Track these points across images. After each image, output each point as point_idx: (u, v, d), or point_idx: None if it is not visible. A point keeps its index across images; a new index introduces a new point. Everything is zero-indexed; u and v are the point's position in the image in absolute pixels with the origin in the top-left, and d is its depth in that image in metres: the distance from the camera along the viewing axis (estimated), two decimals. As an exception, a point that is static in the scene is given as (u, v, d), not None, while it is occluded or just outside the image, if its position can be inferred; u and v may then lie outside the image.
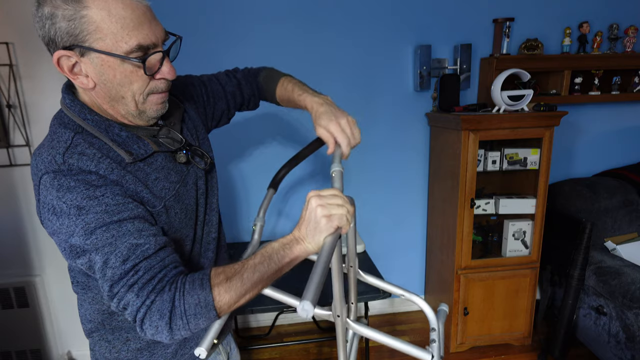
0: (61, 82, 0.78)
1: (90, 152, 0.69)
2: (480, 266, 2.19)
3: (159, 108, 0.75)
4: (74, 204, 0.64)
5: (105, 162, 0.69)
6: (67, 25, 0.62)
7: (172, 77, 0.72)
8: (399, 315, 2.70)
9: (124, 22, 0.63)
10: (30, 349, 2.08)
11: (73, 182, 0.65)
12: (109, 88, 0.69)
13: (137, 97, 0.71)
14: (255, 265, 0.68)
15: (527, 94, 2.01)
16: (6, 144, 1.90)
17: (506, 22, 2.28)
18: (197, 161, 0.84)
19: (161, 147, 0.77)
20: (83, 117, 0.72)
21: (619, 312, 1.91)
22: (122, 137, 0.73)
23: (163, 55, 0.70)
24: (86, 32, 0.63)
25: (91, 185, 0.66)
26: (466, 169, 2.05)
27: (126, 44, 0.64)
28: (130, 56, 0.65)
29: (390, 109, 2.42)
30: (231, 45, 2.19)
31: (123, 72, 0.67)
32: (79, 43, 0.63)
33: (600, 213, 2.29)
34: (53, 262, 2.08)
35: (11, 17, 1.80)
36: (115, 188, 0.68)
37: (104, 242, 0.64)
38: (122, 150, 0.71)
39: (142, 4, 0.67)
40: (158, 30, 0.69)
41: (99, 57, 0.65)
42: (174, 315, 0.64)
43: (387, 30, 2.31)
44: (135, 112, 0.73)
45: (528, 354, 2.28)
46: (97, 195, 0.65)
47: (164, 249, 0.68)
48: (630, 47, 2.42)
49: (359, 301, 1.74)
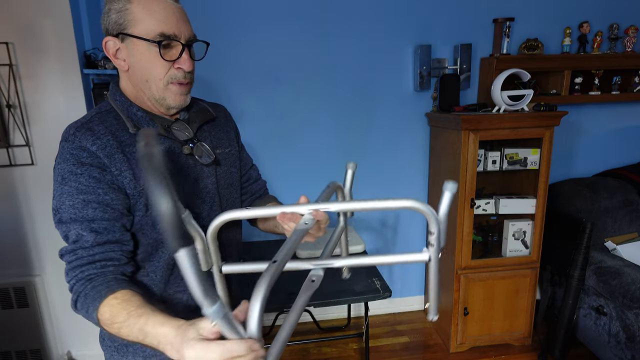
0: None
1: (98, 128, 0.81)
2: (480, 266, 2.19)
3: (178, 98, 0.85)
4: (61, 173, 0.78)
5: (104, 139, 0.80)
6: (116, 16, 0.79)
7: (188, 68, 0.83)
8: (399, 315, 2.70)
9: (154, 14, 0.78)
10: (30, 349, 2.08)
11: (68, 155, 0.78)
12: (137, 70, 0.82)
13: (157, 82, 0.82)
14: (130, 328, 0.67)
15: (527, 94, 2.01)
16: (6, 144, 1.90)
17: (506, 22, 2.28)
18: (200, 156, 0.90)
19: (169, 134, 0.87)
20: (114, 98, 0.87)
21: (619, 312, 1.91)
22: (137, 115, 0.86)
23: (182, 48, 0.81)
24: (127, 21, 0.78)
25: (78, 162, 0.78)
26: (466, 169, 2.05)
27: (152, 30, 0.78)
28: (155, 40, 0.78)
29: (390, 108, 2.42)
30: (231, 45, 2.20)
31: (148, 56, 0.80)
32: (122, 30, 0.79)
33: (600, 213, 2.29)
34: (53, 262, 2.08)
35: (11, 17, 1.80)
36: (94, 170, 0.78)
37: (68, 217, 0.78)
38: (130, 123, 0.83)
39: (174, 5, 0.81)
40: (184, 28, 0.81)
41: (132, 41, 0.79)
42: (77, 303, 0.79)
43: (387, 30, 2.31)
44: (157, 96, 0.84)
45: (528, 354, 2.28)
46: (77, 172, 0.78)
47: (102, 245, 0.78)
48: (630, 47, 2.42)
49: (358, 301, 1.74)
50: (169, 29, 0.79)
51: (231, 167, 1.01)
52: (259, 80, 2.28)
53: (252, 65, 2.25)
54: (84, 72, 1.91)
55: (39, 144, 1.93)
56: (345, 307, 2.64)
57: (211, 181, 0.93)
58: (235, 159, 1.03)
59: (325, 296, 1.69)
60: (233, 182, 1.01)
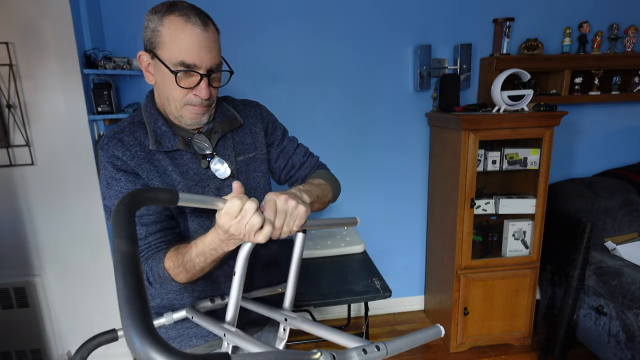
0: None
1: (127, 139, 0.89)
2: (480, 266, 2.19)
3: (194, 117, 0.90)
4: (105, 178, 0.89)
5: (133, 150, 0.88)
6: (150, 34, 0.84)
7: (204, 96, 0.87)
8: (399, 315, 2.70)
9: (179, 42, 0.82)
10: (30, 349, 2.08)
11: (106, 162, 0.88)
12: (160, 87, 0.89)
13: (175, 102, 0.88)
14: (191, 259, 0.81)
15: (527, 94, 2.01)
16: (6, 144, 1.90)
17: (506, 22, 2.28)
18: (217, 169, 0.95)
19: (189, 148, 0.92)
20: (146, 109, 0.94)
21: (619, 312, 1.91)
22: (161, 129, 0.91)
23: (201, 77, 0.85)
24: (156, 42, 0.84)
25: (115, 168, 0.87)
26: (466, 169, 2.05)
27: (174, 57, 0.82)
28: (173, 69, 0.83)
29: (390, 109, 2.42)
30: (231, 46, 2.19)
31: (168, 79, 0.85)
32: (152, 49, 0.85)
33: (600, 213, 2.29)
34: (53, 262, 2.08)
35: (11, 17, 1.80)
36: (130, 176, 0.87)
37: None
38: (153, 139, 0.90)
39: (202, 33, 0.83)
40: (206, 58, 0.84)
41: (158, 62, 0.85)
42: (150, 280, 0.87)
43: (387, 30, 2.31)
44: (176, 114, 0.90)
45: (528, 354, 2.28)
46: (116, 177, 0.87)
47: (154, 234, 0.88)
48: (630, 47, 2.42)
49: (358, 301, 1.74)
50: (190, 58, 0.82)
51: (255, 172, 1.03)
52: (258, 79, 2.28)
53: (251, 64, 2.25)
54: (84, 72, 1.91)
55: (39, 144, 1.93)
56: (345, 307, 2.64)
57: (231, 190, 0.95)
58: (260, 162, 1.04)
59: (325, 296, 1.69)
60: (257, 186, 1.03)
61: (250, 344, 0.67)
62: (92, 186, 2.02)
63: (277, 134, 1.10)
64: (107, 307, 2.14)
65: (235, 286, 0.77)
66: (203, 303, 0.92)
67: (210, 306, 0.92)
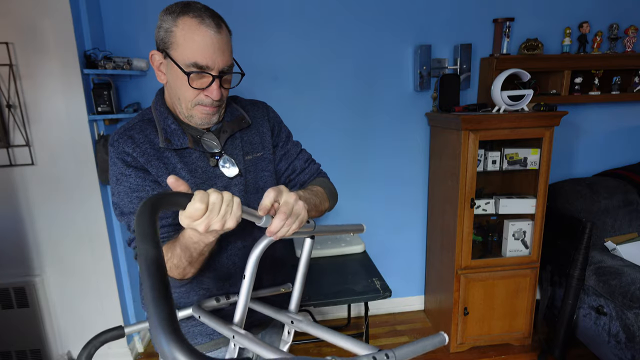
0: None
1: (138, 137, 0.90)
2: (480, 266, 2.19)
3: (204, 117, 0.91)
4: (114, 174, 0.89)
5: (143, 147, 0.89)
6: (163, 34, 0.85)
7: (215, 97, 0.88)
8: (399, 315, 2.70)
9: (192, 43, 0.83)
10: (30, 349, 2.08)
11: (116, 158, 0.89)
12: (172, 87, 0.90)
13: (186, 102, 0.89)
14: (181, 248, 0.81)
15: (527, 94, 2.01)
16: (6, 144, 1.90)
17: (506, 22, 2.28)
18: (225, 168, 0.95)
19: (198, 146, 0.93)
20: (156, 107, 0.95)
21: (619, 312, 1.91)
22: (171, 128, 0.92)
23: (213, 78, 0.86)
24: (169, 42, 0.84)
25: (125, 164, 0.88)
26: (466, 169, 2.05)
27: (187, 58, 0.83)
28: (186, 70, 0.83)
29: (390, 108, 2.42)
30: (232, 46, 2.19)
31: (180, 79, 0.85)
32: (165, 48, 0.86)
33: (600, 213, 2.29)
34: (53, 262, 2.08)
35: (11, 17, 1.80)
36: (139, 172, 0.88)
37: (128, 210, 0.89)
38: (162, 137, 0.91)
39: (215, 35, 0.84)
40: (219, 59, 0.85)
41: (171, 62, 0.85)
42: None
43: (387, 31, 2.31)
44: (186, 114, 0.91)
45: (528, 354, 2.28)
46: (126, 173, 0.88)
47: (161, 228, 0.88)
48: (630, 47, 2.43)
49: (358, 301, 1.74)
50: (202, 60, 0.83)
51: (262, 172, 1.03)
52: (258, 80, 2.28)
53: (251, 64, 2.25)
54: (84, 72, 1.91)
55: (39, 144, 1.94)
56: (345, 307, 2.65)
57: (239, 189, 0.97)
58: (268, 162, 1.05)
59: (325, 296, 1.69)
60: (265, 185, 1.03)
61: (258, 347, 0.68)
62: (92, 186, 2.02)
63: (281, 136, 1.10)
64: (107, 307, 2.15)
65: (245, 288, 0.78)
66: (208, 302, 0.92)
67: (215, 305, 0.93)
